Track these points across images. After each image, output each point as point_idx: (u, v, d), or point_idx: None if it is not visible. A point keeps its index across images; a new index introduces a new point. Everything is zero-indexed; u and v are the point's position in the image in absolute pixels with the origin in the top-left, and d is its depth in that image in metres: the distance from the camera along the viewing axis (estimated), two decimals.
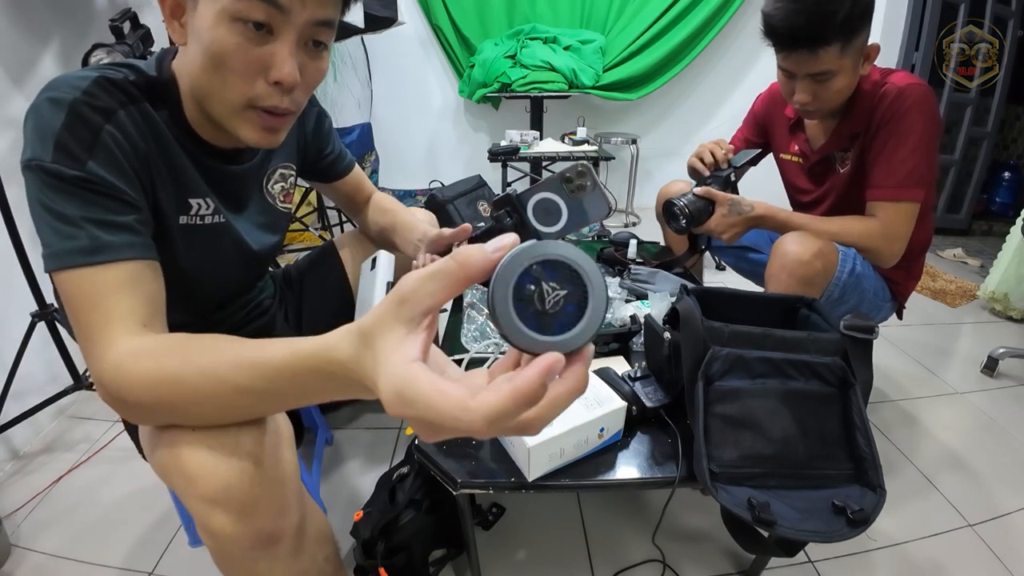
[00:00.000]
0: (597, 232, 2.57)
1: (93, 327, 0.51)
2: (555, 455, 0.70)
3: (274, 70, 0.56)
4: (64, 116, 0.54)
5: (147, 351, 0.50)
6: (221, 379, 0.45)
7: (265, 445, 0.53)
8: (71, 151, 0.53)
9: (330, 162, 0.96)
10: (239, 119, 0.60)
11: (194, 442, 0.50)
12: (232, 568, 0.58)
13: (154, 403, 0.48)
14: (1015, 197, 3.19)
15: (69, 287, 0.53)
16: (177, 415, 0.50)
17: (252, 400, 0.46)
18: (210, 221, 0.71)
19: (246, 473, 0.51)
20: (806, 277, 0.99)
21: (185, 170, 0.66)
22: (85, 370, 1.35)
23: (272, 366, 0.42)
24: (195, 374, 0.46)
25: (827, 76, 0.98)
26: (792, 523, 0.64)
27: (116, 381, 0.49)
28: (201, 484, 0.50)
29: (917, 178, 1.01)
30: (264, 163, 0.80)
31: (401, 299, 0.32)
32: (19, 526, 1.08)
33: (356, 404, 1.43)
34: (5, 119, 1.28)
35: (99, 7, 1.56)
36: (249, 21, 0.53)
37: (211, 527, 0.51)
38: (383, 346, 0.33)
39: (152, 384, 0.48)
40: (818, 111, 1.06)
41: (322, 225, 2.49)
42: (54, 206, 0.53)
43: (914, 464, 1.24)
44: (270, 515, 0.53)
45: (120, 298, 0.53)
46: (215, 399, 0.46)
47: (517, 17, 3.03)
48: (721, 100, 3.19)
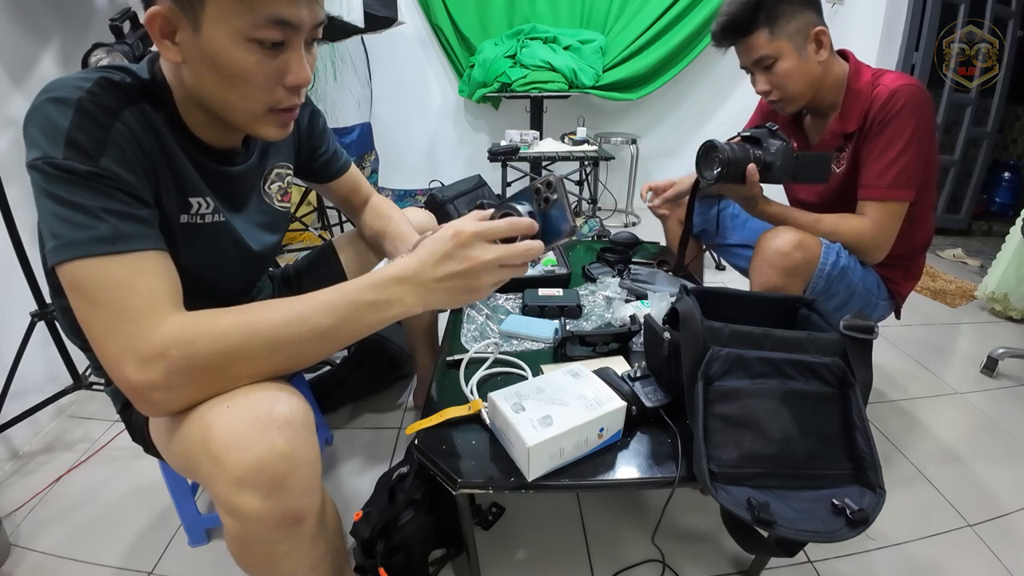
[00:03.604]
0: (597, 232, 2.57)
1: (135, 308, 0.51)
2: (555, 455, 0.70)
3: (290, 76, 0.60)
4: (72, 114, 0.54)
5: (206, 314, 0.53)
6: (295, 317, 0.54)
7: (295, 424, 0.54)
8: (83, 148, 0.53)
9: (324, 161, 0.96)
10: (260, 122, 0.64)
11: (227, 420, 0.52)
12: (251, 552, 0.58)
13: (224, 358, 0.52)
14: (1015, 197, 3.19)
15: (90, 276, 0.52)
16: (244, 367, 0.54)
17: (318, 336, 0.55)
18: (210, 220, 0.71)
19: (277, 450, 0.52)
20: (787, 268, 1.01)
21: (185, 169, 0.67)
22: (85, 369, 1.35)
23: (330, 297, 0.56)
24: (265, 319, 0.54)
25: (769, 61, 1.06)
26: (792, 523, 0.64)
27: (179, 346, 0.50)
28: (231, 462, 0.51)
29: (906, 179, 1.03)
30: (261, 164, 0.81)
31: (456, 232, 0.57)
32: (19, 526, 1.08)
33: (356, 404, 1.43)
34: (5, 119, 1.28)
35: (99, 7, 1.56)
36: (266, 41, 0.56)
37: (238, 506, 0.52)
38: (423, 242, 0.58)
39: (223, 335, 0.52)
40: (784, 100, 1.10)
41: (322, 225, 2.49)
42: (69, 197, 0.52)
43: (914, 464, 1.24)
44: (297, 493, 0.54)
45: (157, 280, 0.54)
46: (289, 337, 0.54)
47: (517, 17, 3.03)
48: (721, 100, 3.19)
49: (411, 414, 1.41)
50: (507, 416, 0.71)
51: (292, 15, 0.55)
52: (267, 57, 0.57)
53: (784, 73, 1.06)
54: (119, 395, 0.78)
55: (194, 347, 0.51)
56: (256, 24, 0.54)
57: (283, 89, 0.61)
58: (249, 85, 0.58)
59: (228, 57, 0.56)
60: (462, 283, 0.57)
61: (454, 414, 0.80)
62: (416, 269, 0.57)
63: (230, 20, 0.54)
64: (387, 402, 1.46)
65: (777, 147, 1.05)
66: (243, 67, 0.57)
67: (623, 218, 3.18)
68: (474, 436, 0.78)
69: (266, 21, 0.54)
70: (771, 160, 1.05)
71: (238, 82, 0.58)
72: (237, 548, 0.58)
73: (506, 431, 0.72)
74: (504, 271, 0.58)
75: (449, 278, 0.57)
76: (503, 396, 0.75)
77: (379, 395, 1.48)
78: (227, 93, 0.59)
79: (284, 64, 0.59)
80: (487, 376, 0.92)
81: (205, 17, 0.54)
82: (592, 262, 1.41)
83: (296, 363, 0.58)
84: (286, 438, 0.52)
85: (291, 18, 0.56)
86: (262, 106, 0.61)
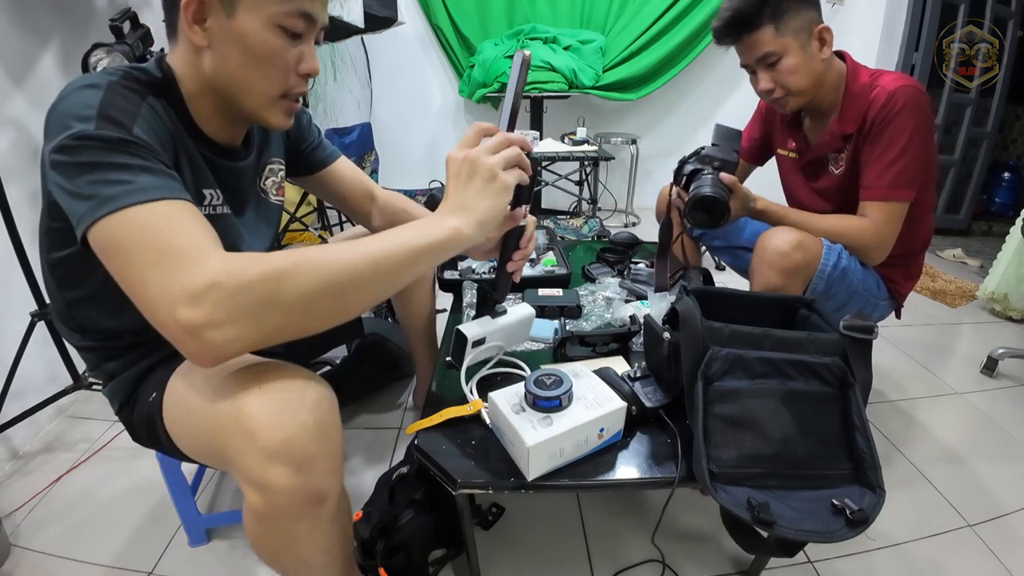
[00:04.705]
0: (597, 232, 2.57)
1: (179, 246, 0.51)
2: (555, 455, 0.70)
3: (304, 64, 0.68)
4: (103, 94, 0.57)
5: (252, 253, 0.54)
6: (353, 250, 0.55)
7: (324, 406, 0.57)
8: (115, 119, 0.56)
9: (311, 151, 0.98)
10: (271, 108, 0.70)
11: (261, 397, 0.54)
12: (271, 531, 0.60)
13: (276, 276, 0.51)
14: (1015, 197, 3.19)
15: (130, 225, 0.51)
16: (295, 289, 0.52)
17: (372, 267, 0.56)
18: (220, 212, 0.75)
19: (307, 429, 0.55)
20: (787, 269, 1.01)
21: (197, 160, 0.71)
22: (84, 370, 1.35)
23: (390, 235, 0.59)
24: (320, 250, 0.55)
25: (773, 58, 1.04)
26: (791, 523, 0.64)
27: (230, 273, 0.50)
28: (263, 436, 0.53)
29: (906, 179, 1.03)
30: (258, 160, 0.84)
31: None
32: (19, 525, 1.08)
33: (356, 404, 1.43)
34: (5, 119, 1.28)
35: (99, 7, 1.56)
36: (290, 30, 0.64)
37: (267, 480, 0.54)
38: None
39: (272, 258, 0.52)
40: (786, 98, 1.09)
41: (322, 225, 2.49)
42: (103, 160, 0.53)
43: (913, 464, 1.24)
44: (322, 473, 0.56)
45: (198, 225, 0.54)
46: (343, 267, 0.54)
47: (517, 17, 3.03)
48: (721, 100, 3.19)
49: (411, 414, 1.41)
50: (507, 416, 0.71)
51: (314, 10, 0.65)
52: (288, 44, 0.65)
53: (789, 70, 1.05)
54: (116, 395, 0.77)
55: (245, 273, 0.50)
56: (286, 13, 0.63)
57: (296, 76, 0.68)
58: (272, 66, 0.66)
59: (259, 39, 0.63)
60: (492, 186, 0.64)
61: (454, 414, 0.80)
62: (452, 199, 0.64)
63: (265, 7, 0.62)
64: (387, 402, 1.46)
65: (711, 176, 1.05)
66: (271, 48, 0.64)
67: (623, 218, 3.18)
68: (474, 436, 0.78)
69: (295, 11, 0.63)
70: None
71: (263, 63, 0.65)
72: (257, 527, 0.59)
73: (506, 431, 0.72)
74: (513, 171, 0.66)
75: (481, 188, 0.64)
76: (503, 396, 0.75)
77: (379, 395, 1.48)
78: (250, 74, 0.66)
79: (300, 53, 0.67)
80: (487, 376, 0.92)
81: (241, 4, 0.61)
82: (592, 262, 1.41)
83: (350, 298, 0.56)
84: (315, 420, 0.55)
85: (313, 12, 0.65)
86: (279, 89, 0.68)
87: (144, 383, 0.75)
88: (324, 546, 0.64)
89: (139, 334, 0.74)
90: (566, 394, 0.71)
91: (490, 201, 0.63)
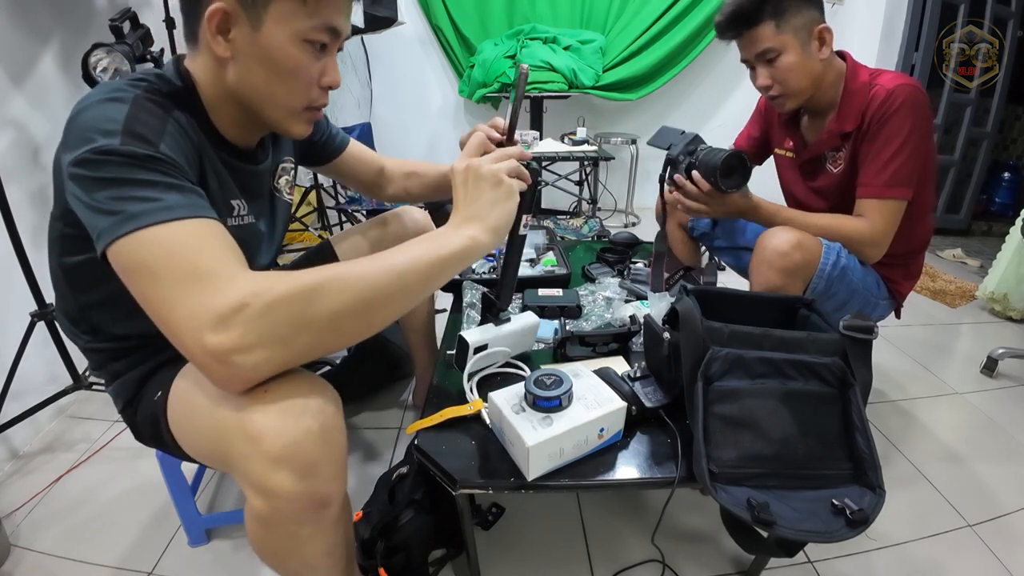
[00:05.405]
0: (597, 232, 2.57)
1: (206, 266, 0.50)
2: (555, 455, 0.70)
3: (327, 77, 0.68)
4: (128, 108, 0.56)
5: (277, 272, 0.53)
6: (376, 263, 0.56)
7: (328, 411, 0.57)
8: (142, 135, 0.55)
9: (324, 141, 1.00)
10: (294, 119, 0.70)
11: (265, 402, 0.53)
12: (274, 535, 0.59)
13: (304, 295, 0.51)
14: (1015, 197, 3.19)
15: (155, 243, 0.51)
16: (324, 306, 0.52)
17: (399, 280, 0.56)
18: (247, 222, 0.76)
19: (312, 434, 0.54)
20: (787, 269, 1.01)
21: (222, 172, 0.71)
22: (84, 370, 1.35)
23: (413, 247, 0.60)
24: (346, 266, 0.55)
25: (773, 54, 1.05)
26: (791, 523, 0.64)
27: (258, 293, 0.49)
28: (267, 442, 0.52)
29: (904, 177, 1.03)
30: (274, 161, 0.86)
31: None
32: (19, 526, 1.08)
33: (356, 404, 1.43)
34: (5, 119, 1.28)
35: (99, 7, 1.56)
36: (316, 43, 0.64)
37: (271, 486, 0.53)
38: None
39: (299, 276, 0.51)
40: (784, 96, 1.10)
41: (322, 225, 2.49)
42: (128, 176, 0.53)
43: (913, 464, 1.24)
44: (326, 478, 0.56)
45: (225, 244, 0.54)
46: (371, 281, 0.54)
47: (517, 17, 3.03)
48: (721, 100, 3.19)
49: (411, 414, 1.41)
50: (507, 416, 0.71)
51: (340, 24, 0.65)
52: (313, 57, 0.65)
53: (787, 68, 1.06)
54: (121, 394, 0.77)
55: (273, 291, 0.49)
56: (313, 27, 0.63)
57: (318, 88, 0.69)
58: (297, 80, 0.66)
59: (285, 53, 0.63)
60: (499, 191, 0.67)
61: (454, 414, 0.80)
62: (464, 210, 0.67)
63: (293, 22, 0.61)
64: (387, 402, 1.46)
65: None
66: (296, 62, 0.64)
67: (623, 218, 3.18)
68: (474, 436, 0.78)
69: (321, 26, 0.63)
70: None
71: (288, 77, 0.65)
72: (260, 531, 0.59)
73: (506, 431, 0.72)
74: (513, 179, 0.69)
75: (489, 195, 0.67)
76: (503, 396, 0.75)
77: (379, 395, 1.48)
78: (274, 87, 0.66)
79: (323, 66, 0.68)
80: (487, 376, 0.92)
81: (268, 17, 0.61)
82: (592, 262, 1.41)
83: (377, 313, 0.56)
84: (320, 424, 0.55)
85: (339, 26, 0.65)
86: (302, 102, 0.68)
87: (149, 382, 0.75)
88: (327, 549, 0.64)
89: (149, 337, 0.73)
90: (566, 394, 0.71)
91: (500, 207, 0.67)
